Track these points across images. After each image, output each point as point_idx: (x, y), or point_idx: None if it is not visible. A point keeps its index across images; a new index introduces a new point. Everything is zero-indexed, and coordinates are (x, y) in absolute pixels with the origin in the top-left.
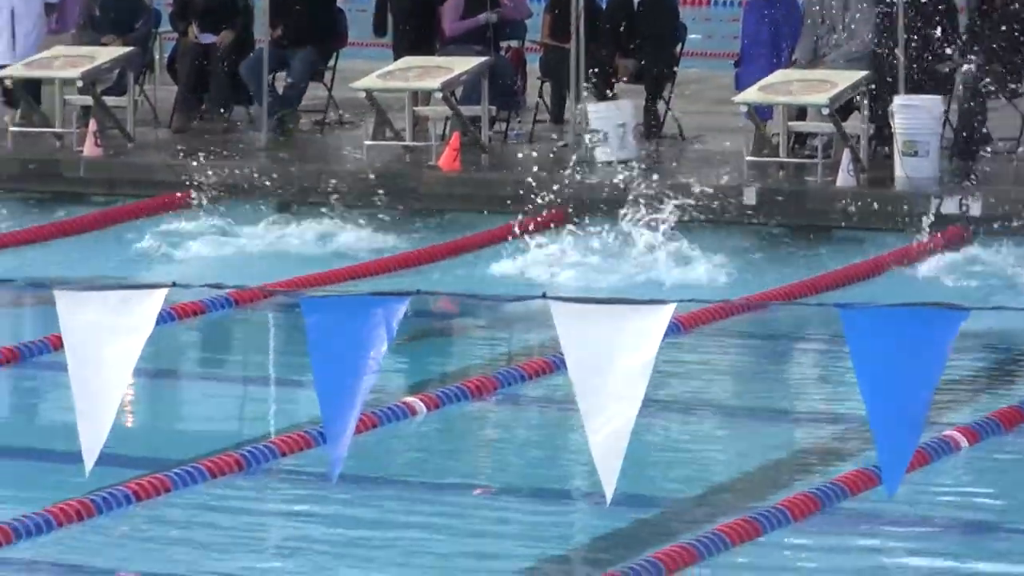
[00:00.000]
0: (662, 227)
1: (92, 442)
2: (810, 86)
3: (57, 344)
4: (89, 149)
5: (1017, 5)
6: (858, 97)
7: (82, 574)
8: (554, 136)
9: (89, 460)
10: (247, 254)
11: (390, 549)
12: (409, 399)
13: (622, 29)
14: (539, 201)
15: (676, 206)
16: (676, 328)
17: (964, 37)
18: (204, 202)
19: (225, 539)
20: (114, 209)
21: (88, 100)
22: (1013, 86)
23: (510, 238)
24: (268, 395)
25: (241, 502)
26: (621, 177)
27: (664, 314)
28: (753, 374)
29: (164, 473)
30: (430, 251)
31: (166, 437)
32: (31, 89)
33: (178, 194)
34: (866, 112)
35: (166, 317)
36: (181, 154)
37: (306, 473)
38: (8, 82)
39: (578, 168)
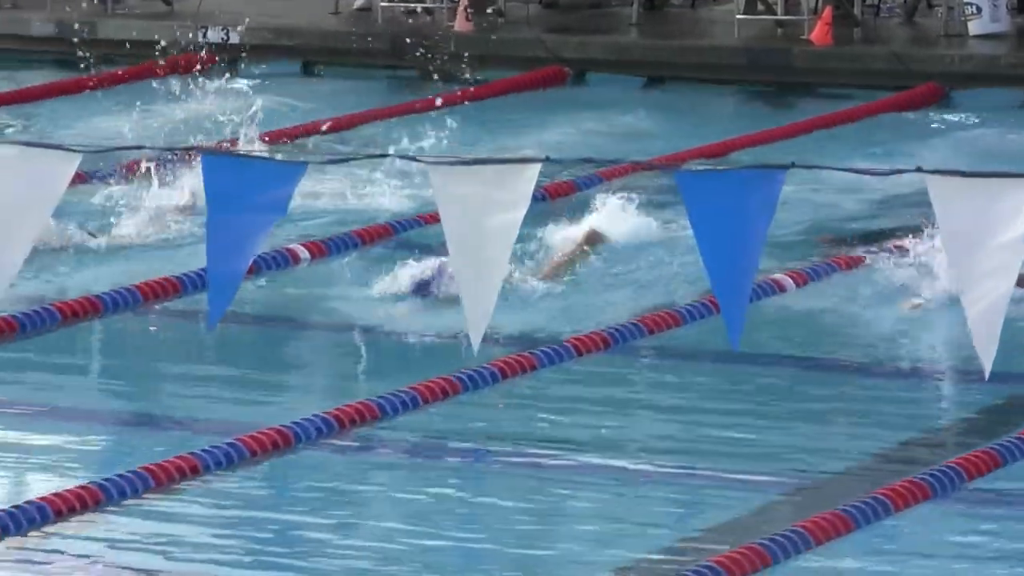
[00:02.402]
0: None
1: (478, 319)
2: None
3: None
4: (460, 24)
5: None
6: None
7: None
8: (927, 8)
9: (476, 337)
10: (612, 132)
11: None
12: None
13: None
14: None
15: None
16: None
17: None
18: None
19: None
20: (485, 85)
21: None
22: None
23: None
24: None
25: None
26: (994, 50)
27: None
28: None
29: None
30: (803, 125)
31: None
32: None
33: (548, 70)
34: None
35: (537, 197)
36: (551, 30)
37: None
38: None
39: (951, 41)
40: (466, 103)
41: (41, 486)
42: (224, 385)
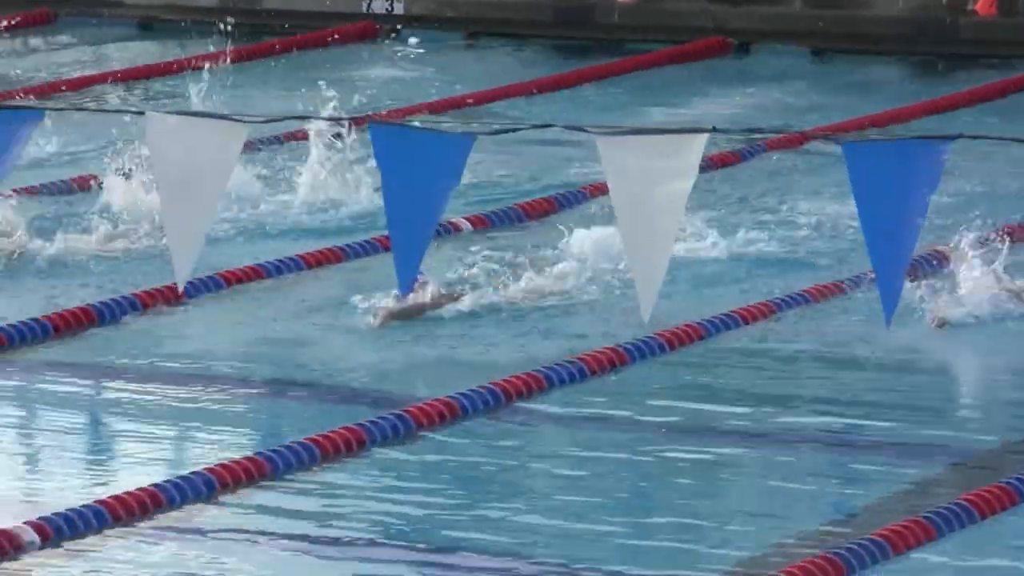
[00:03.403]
0: None
1: (648, 288)
2: None
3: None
4: None
5: None
6: None
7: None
8: None
9: (646, 306)
10: (776, 103)
11: None
12: None
13: None
14: None
15: None
16: None
17: None
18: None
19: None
20: (649, 55)
21: None
22: None
23: None
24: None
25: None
26: None
27: None
28: None
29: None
30: (966, 95)
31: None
32: None
33: (711, 40)
34: None
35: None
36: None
37: None
38: None
39: None
40: (629, 73)
41: (208, 457)
42: (390, 356)
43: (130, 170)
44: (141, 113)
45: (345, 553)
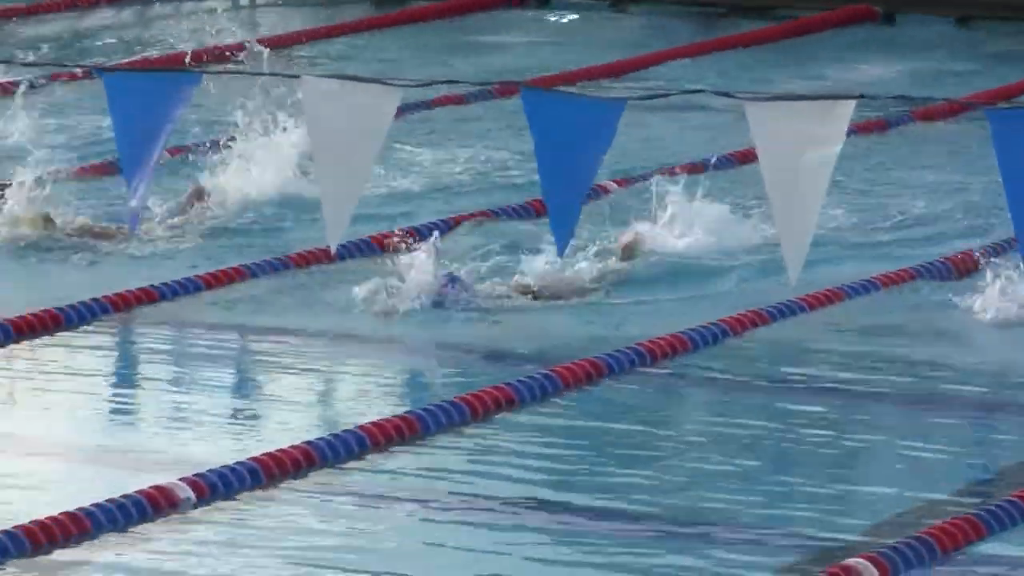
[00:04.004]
0: None
1: (795, 252)
2: None
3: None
4: None
5: None
6: None
7: None
8: None
9: (793, 270)
10: (921, 71)
11: None
12: None
13: None
14: None
15: None
16: None
17: None
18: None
19: None
20: (795, 21)
21: None
22: None
23: None
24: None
25: None
26: None
27: None
28: None
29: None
30: None
31: None
32: None
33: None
34: None
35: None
36: None
37: None
38: None
39: None
40: (774, 40)
41: (358, 416)
42: (537, 315)
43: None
44: (296, 76)
45: (495, 515)
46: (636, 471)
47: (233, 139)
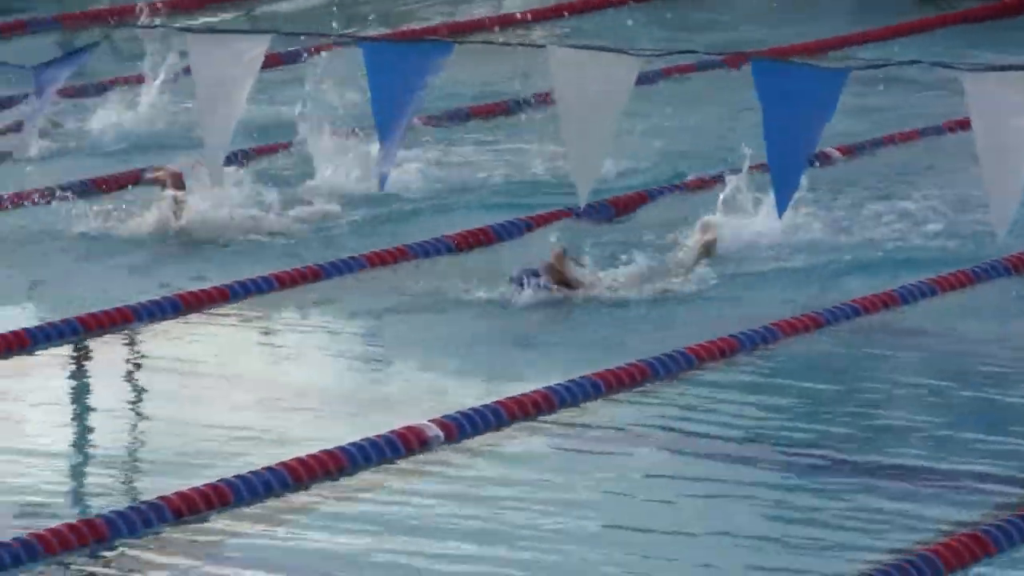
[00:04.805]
0: None
1: (1004, 207)
2: None
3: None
4: None
5: None
6: None
7: None
8: None
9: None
10: None
11: None
12: None
13: None
14: None
15: None
16: None
17: None
18: None
19: None
20: (986, 7)
21: None
22: None
23: None
24: None
25: None
26: None
27: None
28: None
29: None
30: None
31: None
32: None
33: None
34: None
35: None
36: None
37: None
38: None
39: None
40: (960, 23)
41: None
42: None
43: None
44: (542, 47)
45: (714, 455)
46: (846, 417)
47: None
